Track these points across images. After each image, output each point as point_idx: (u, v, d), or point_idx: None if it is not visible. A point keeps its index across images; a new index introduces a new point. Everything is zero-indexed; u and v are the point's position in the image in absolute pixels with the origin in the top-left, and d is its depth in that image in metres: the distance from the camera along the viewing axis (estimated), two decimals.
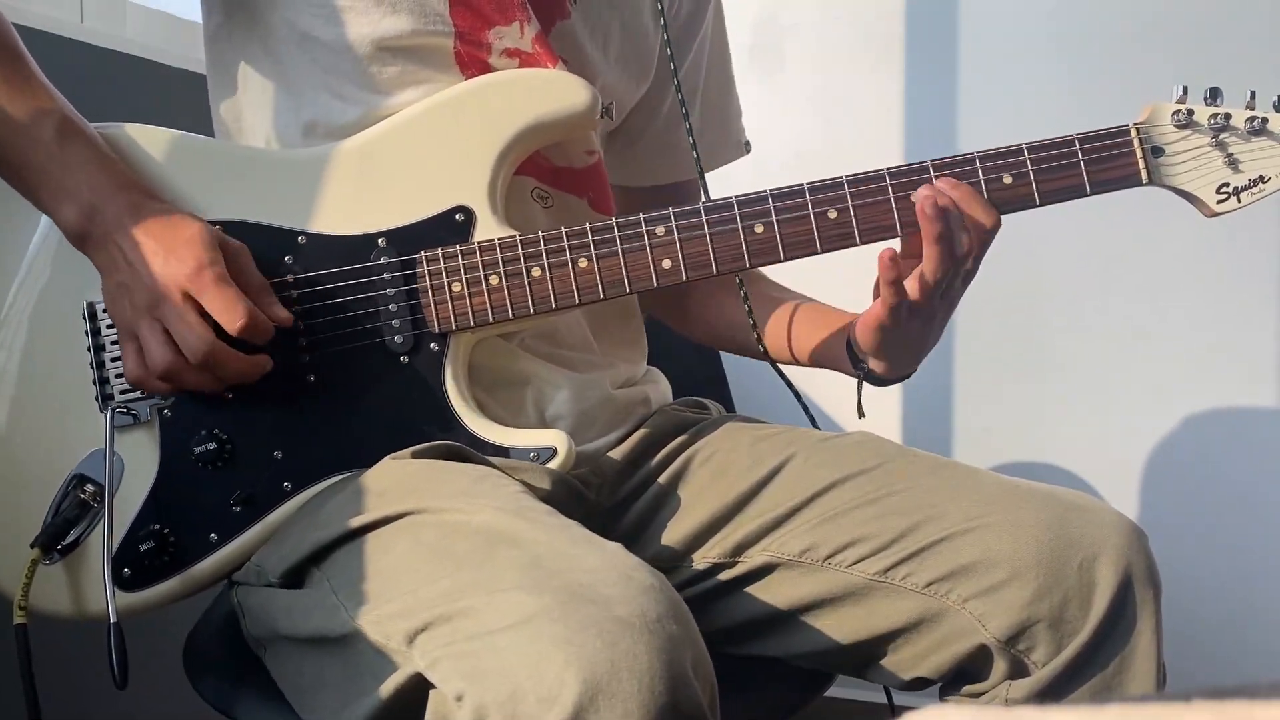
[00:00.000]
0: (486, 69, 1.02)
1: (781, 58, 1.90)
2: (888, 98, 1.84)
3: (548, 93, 1.00)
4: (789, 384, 1.18)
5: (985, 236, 0.98)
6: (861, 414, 1.08)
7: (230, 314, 0.91)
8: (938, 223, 0.95)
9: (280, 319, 0.95)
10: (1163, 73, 1.65)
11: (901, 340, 1.02)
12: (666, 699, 0.70)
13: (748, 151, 1.30)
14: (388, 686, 0.78)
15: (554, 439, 0.97)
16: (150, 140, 0.99)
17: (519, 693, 0.70)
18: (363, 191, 0.99)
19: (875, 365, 1.07)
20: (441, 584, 0.78)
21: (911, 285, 0.97)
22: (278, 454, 0.97)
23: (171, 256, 0.90)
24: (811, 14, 1.89)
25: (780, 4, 1.91)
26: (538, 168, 1.06)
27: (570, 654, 0.70)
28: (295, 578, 0.92)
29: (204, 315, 0.91)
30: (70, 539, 0.96)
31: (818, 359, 1.16)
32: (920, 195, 0.96)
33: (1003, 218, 0.99)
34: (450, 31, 1.01)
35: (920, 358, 1.08)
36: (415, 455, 0.94)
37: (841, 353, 1.10)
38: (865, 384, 1.09)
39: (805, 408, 1.19)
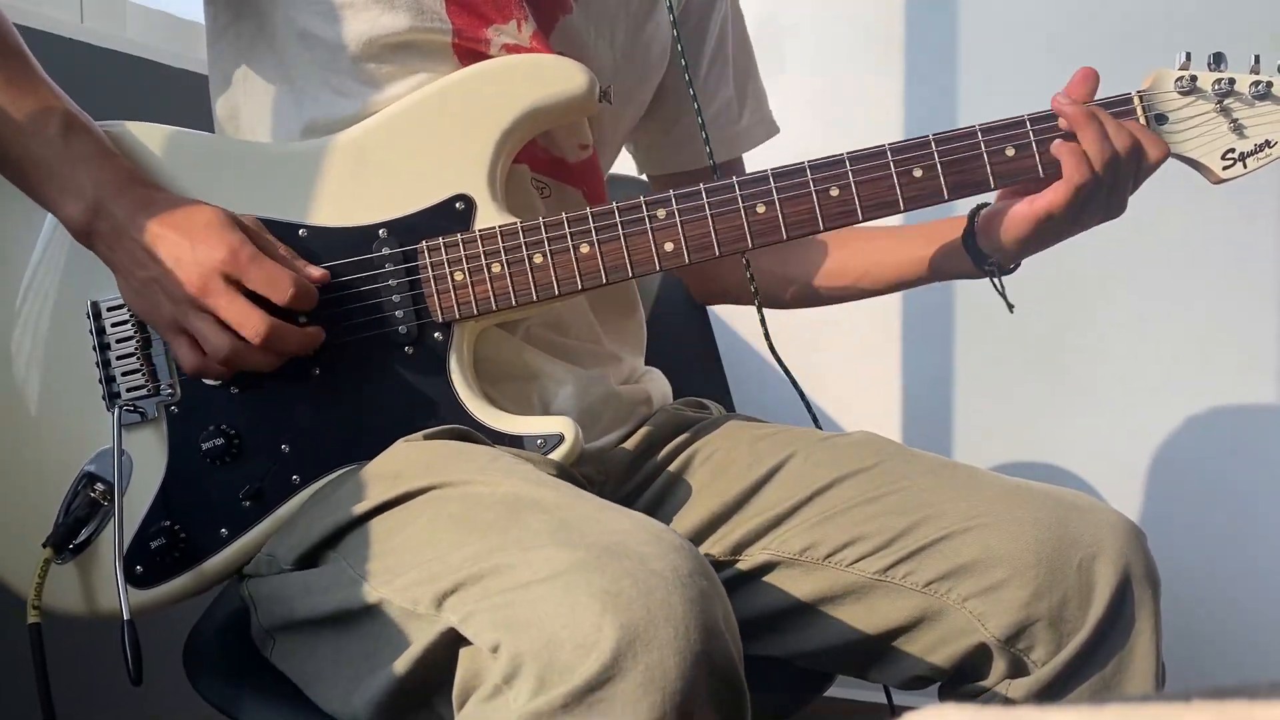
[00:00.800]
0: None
1: (781, 58, 1.90)
2: (888, 98, 1.85)
3: (545, 77, 1.00)
4: (794, 383, 1.18)
5: (1151, 167, 0.99)
6: (1011, 307, 1.09)
7: (277, 287, 0.91)
8: (1090, 125, 0.96)
9: (317, 278, 0.95)
10: None
11: (1053, 231, 1.03)
12: (701, 648, 0.71)
13: (778, 130, 1.32)
14: (410, 653, 0.79)
15: (561, 425, 0.97)
16: (152, 137, 0.99)
17: (555, 640, 0.71)
18: (362, 182, 0.99)
19: (1004, 259, 1.08)
20: (469, 549, 0.79)
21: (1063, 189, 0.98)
22: (285, 447, 0.97)
23: (199, 244, 0.90)
24: (811, 14, 1.89)
25: (780, 4, 1.91)
26: (534, 157, 1.07)
27: (606, 602, 0.70)
28: (309, 562, 0.92)
29: (249, 295, 0.91)
30: (82, 538, 0.97)
31: (915, 273, 1.17)
32: (1065, 108, 0.98)
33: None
34: (448, 29, 1.01)
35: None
36: (427, 437, 0.94)
37: (952, 255, 1.11)
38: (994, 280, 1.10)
39: (808, 405, 1.20)
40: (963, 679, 0.96)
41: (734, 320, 1.84)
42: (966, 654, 0.94)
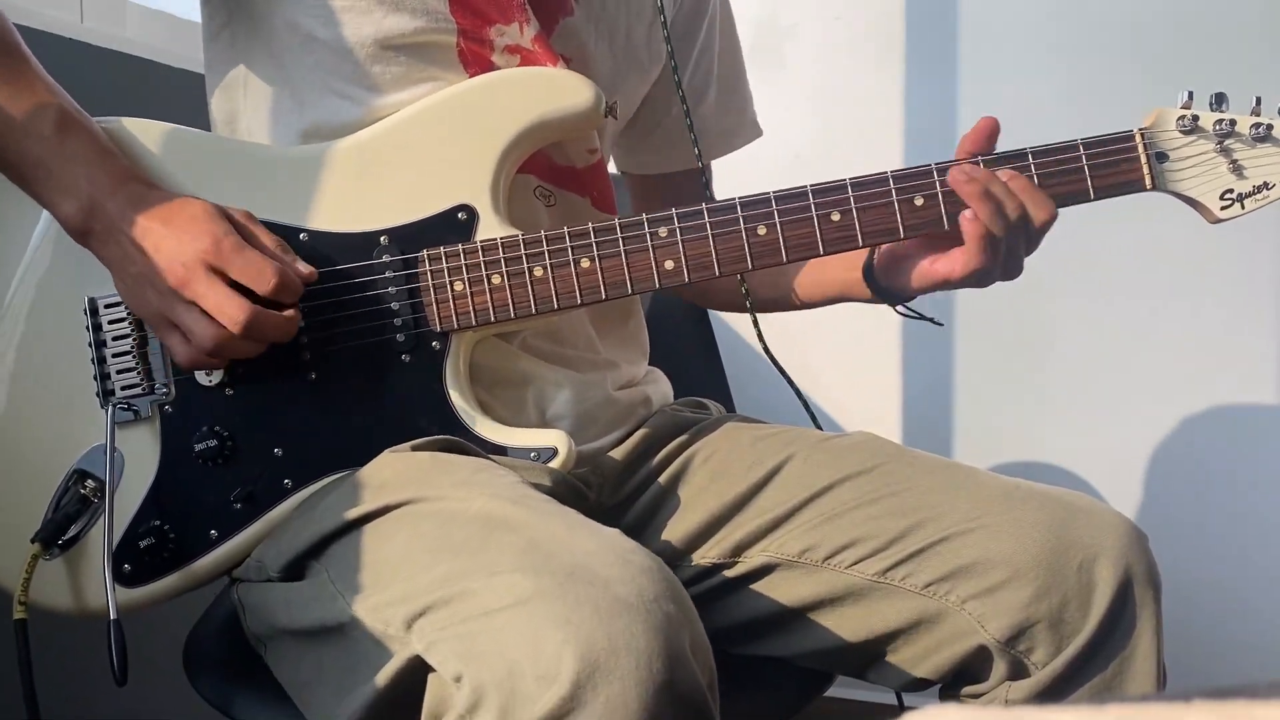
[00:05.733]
0: (489, 66, 1.01)
1: (781, 58, 1.90)
2: (888, 98, 1.85)
3: (551, 91, 0.99)
4: (792, 384, 1.18)
5: (1041, 228, 0.99)
6: (939, 324, 1.11)
7: (260, 277, 0.90)
8: (985, 202, 0.96)
9: (305, 274, 0.94)
10: (1163, 74, 1.65)
11: (948, 288, 1.05)
12: (664, 678, 0.70)
13: (760, 134, 1.31)
14: (386, 672, 0.78)
15: (554, 439, 0.97)
16: (148, 134, 0.99)
17: (517, 671, 0.70)
18: (364, 189, 0.99)
19: (901, 294, 1.09)
20: (439, 570, 0.79)
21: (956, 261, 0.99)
22: (278, 451, 0.97)
23: (185, 235, 0.90)
24: (811, 14, 1.90)
25: (780, 4, 1.91)
26: (540, 166, 1.06)
27: (568, 632, 0.70)
28: (294, 571, 0.92)
29: (232, 285, 0.91)
30: (71, 534, 0.96)
31: (825, 291, 1.17)
32: (958, 179, 0.97)
33: None
34: (453, 29, 1.01)
35: None
36: (415, 448, 0.94)
37: (853, 279, 1.11)
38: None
39: (807, 406, 1.19)
40: (963, 681, 0.96)
41: (734, 320, 1.84)
42: (966, 656, 0.94)
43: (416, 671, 0.77)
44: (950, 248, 1.01)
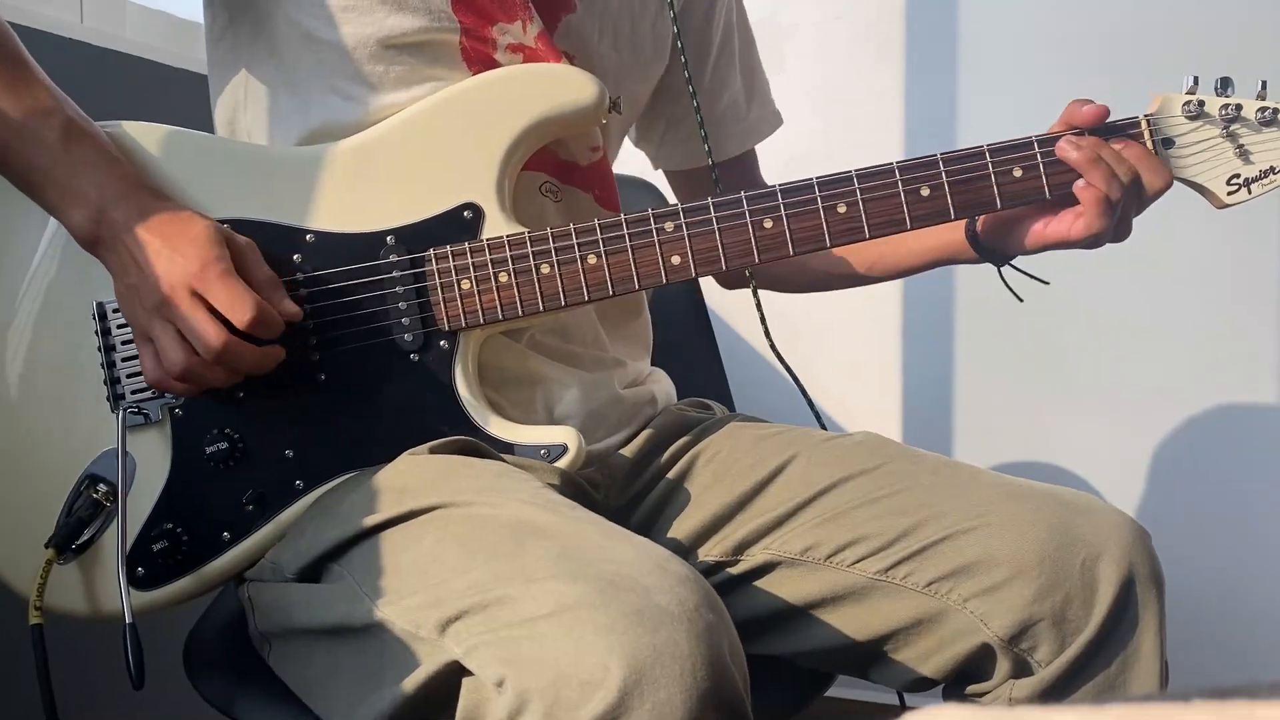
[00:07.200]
0: (492, 64, 1.01)
1: (781, 58, 1.90)
2: (887, 97, 1.85)
3: (554, 88, 0.99)
4: (798, 383, 1.18)
5: (1154, 195, 0.99)
6: (1020, 299, 1.13)
7: (237, 308, 0.90)
8: (1097, 168, 0.97)
9: (289, 313, 0.94)
10: (1163, 71, 1.65)
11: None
12: (708, 685, 0.71)
13: (782, 122, 1.32)
14: (418, 676, 0.78)
15: (564, 435, 0.97)
16: (152, 138, 0.99)
17: (562, 678, 0.71)
18: (370, 189, 0.99)
19: (1006, 255, 1.11)
20: (473, 574, 0.78)
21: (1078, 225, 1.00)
22: (289, 452, 0.97)
23: (177, 255, 0.90)
24: (811, 14, 1.90)
25: (780, 4, 1.91)
26: (545, 162, 1.06)
27: (613, 640, 0.70)
28: (311, 574, 0.92)
29: (214, 312, 0.90)
30: (84, 539, 0.97)
31: (922, 257, 1.18)
32: (1071, 154, 0.98)
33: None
34: (456, 28, 1.00)
35: None
36: (433, 451, 0.94)
37: (955, 246, 1.13)
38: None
39: (812, 406, 1.20)
40: (966, 679, 0.96)
41: (734, 320, 1.84)
42: (969, 655, 0.94)
43: (450, 676, 0.77)
44: (1060, 210, 1.01)
